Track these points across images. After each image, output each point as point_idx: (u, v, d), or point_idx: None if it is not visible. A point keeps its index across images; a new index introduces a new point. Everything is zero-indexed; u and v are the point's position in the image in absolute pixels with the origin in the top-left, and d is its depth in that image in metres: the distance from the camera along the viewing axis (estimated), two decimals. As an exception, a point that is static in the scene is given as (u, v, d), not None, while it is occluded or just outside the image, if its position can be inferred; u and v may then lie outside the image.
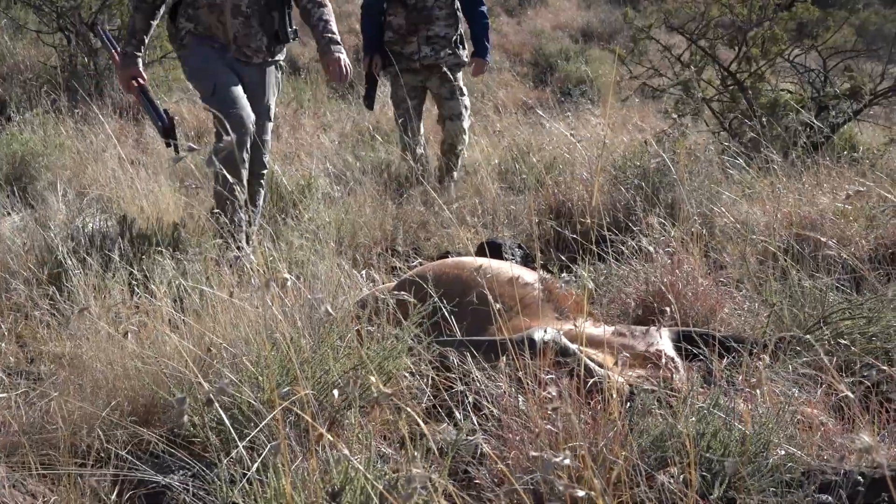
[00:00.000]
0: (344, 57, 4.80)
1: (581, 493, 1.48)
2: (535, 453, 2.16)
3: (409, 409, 2.10)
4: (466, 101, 6.61)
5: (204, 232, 4.63)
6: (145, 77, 4.72)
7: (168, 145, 4.77)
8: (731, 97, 7.55)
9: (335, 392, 2.19)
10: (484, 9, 6.65)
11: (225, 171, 2.88)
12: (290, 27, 4.93)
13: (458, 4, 6.53)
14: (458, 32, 6.53)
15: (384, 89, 8.21)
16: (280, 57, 5.06)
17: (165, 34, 8.53)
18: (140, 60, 4.68)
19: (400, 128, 6.62)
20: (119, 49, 4.77)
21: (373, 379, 1.93)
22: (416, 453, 2.12)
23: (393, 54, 6.38)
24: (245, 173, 4.64)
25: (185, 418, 2.55)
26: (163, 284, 3.33)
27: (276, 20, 4.87)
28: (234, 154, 3.93)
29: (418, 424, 2.61)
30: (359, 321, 2.98)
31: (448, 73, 6.27)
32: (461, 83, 6.55)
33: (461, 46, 6.56)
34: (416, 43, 6.40)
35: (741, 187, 5.35)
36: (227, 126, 3.89)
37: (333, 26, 4.88)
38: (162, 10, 4.78)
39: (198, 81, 4.90)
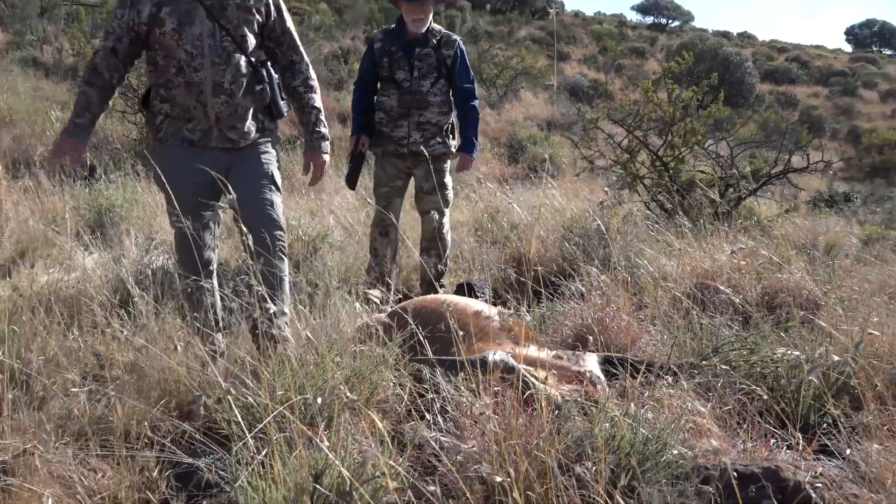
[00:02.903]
0: (328, 158, 3.78)
1: (498, 479, 1.51)
2: (459, 446, 2.18)
3: (371, 415, 2.11)
4: (450, 195, 5.29)
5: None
6: (82, 160, 3.51)
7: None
8: (658, 175, 7.63)
9: (318, 398, 2.21)
10: (476, 103, 5.24)
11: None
12: (283, 98, 3.69)
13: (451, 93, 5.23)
14: (450, 121, 5.24)
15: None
16: (273, 134, 3.76)
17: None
18: (89, 139, 3.50)
19: (380, 202, 5.21)
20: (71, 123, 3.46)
21: (342, 387, 1.96)
22: (376, 445, 2.14)
23: (381, 136, 5.13)
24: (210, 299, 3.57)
25: (218, 415, 2.60)
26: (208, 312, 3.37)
27: (267, 93, 3.61)
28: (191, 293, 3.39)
29: (395, 425, 2.65)
30: (355, 343, 3.01)
31: (434, 166, 4.95)
32: (447, 174, 5.28)
33: (451, 136, 5.25)
34: (407, 127, 5.06)
35: (662, 246, 5.40)
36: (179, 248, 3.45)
37: (323, 116, 3.79)
38: (116, 91, 3.58)
39: (163, 190, 3.48)
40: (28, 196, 6.32)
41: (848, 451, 2.69)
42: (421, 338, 2.93)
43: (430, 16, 5.08)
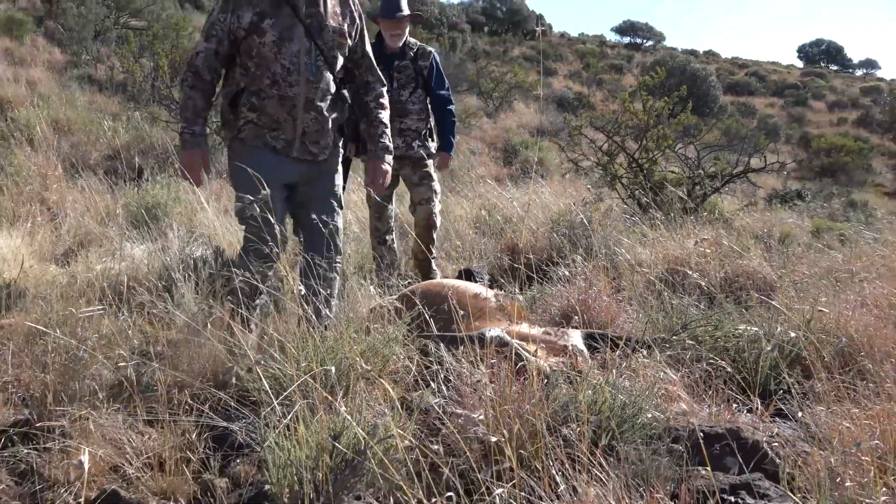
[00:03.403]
0: (388, 168, 3.51)
1: (494, 439, 1.50)
2: (459, 411, 2.17)
3: (384, 383, 2.10)
4: (437, 186, 5.00)
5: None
6: (209, 165, 3.29)
7: None
8: (634, 175, 7.61)
9: (332, 368, 2.20)
10: (452, 108, 5.07)
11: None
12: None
13: (428, 100, 5.02)
14: (428, 126, 5.01)
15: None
16: (338, 149, 3.52)
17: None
18: (207, 143, 3.26)
19: (374, 213, 5.05)
20: (184, 129, 3.21)
21: (358, 358, 1.95)
22: (386, 410, 2.13)
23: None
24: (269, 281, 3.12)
25: (249, 384, 2.59)
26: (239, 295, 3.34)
27: (345, 112, 3.44)
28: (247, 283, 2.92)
29: (404, 392, 2.63)
30: (369, 321, 3.00)
31: (418, 161, 4.87)
32: (431, 170, 4.99)
33: (430, 139, 5.03)
34: None
35: (637, 236, 5.38)
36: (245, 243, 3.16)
37: (389, 131, 3.55)
38: (216, 91, 3.31)
39: (238, 190, 3.20)
40: (84, 195, 6.30)
41: (800, 414, 2.68)
42: (427, 317, 2.92)
43: (406, 31, 4.94)
